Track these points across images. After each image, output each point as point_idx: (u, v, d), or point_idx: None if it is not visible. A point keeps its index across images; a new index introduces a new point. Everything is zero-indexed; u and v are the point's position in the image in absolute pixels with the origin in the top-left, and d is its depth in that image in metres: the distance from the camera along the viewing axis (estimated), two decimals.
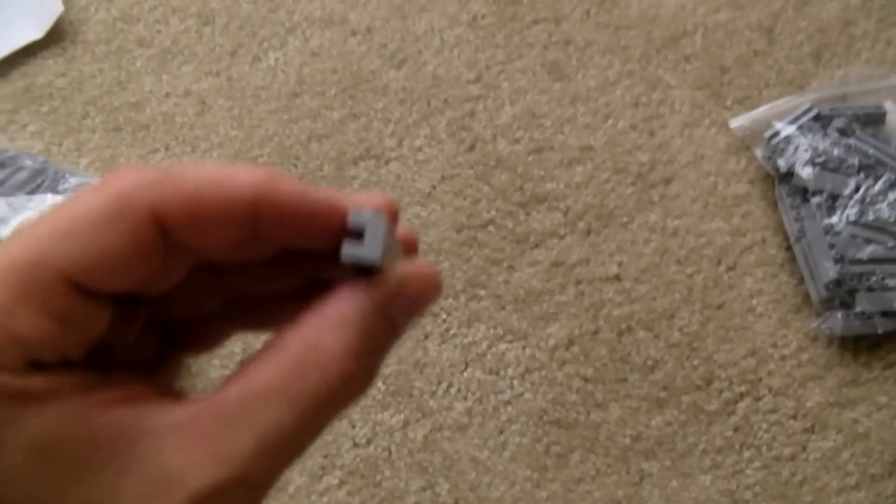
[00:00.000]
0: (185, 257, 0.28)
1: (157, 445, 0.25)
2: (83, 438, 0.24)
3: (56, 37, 0.99)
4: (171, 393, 0.27)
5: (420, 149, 0.93)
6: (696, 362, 0.84)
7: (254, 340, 0.84)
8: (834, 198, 0.86)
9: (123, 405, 0.25)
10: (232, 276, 0.31)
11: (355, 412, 0.82)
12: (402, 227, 0.32)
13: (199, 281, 0.30)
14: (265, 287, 0.32)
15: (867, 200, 0.85)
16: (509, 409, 0.83)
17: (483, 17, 0.99)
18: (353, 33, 0.99)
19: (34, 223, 0.25)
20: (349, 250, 0.27)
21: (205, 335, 0.33)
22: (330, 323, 0.27)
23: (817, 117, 0.89)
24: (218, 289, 0.32)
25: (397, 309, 0.28)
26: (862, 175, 0.86)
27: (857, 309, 0.82)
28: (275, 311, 0.32)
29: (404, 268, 0.29)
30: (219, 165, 0.26)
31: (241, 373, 0.27)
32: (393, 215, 0.30)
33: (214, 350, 0.34)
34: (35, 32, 0.98)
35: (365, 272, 0.28)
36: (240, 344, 0.84)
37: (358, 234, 0.27)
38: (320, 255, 0.29)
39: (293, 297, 0.31)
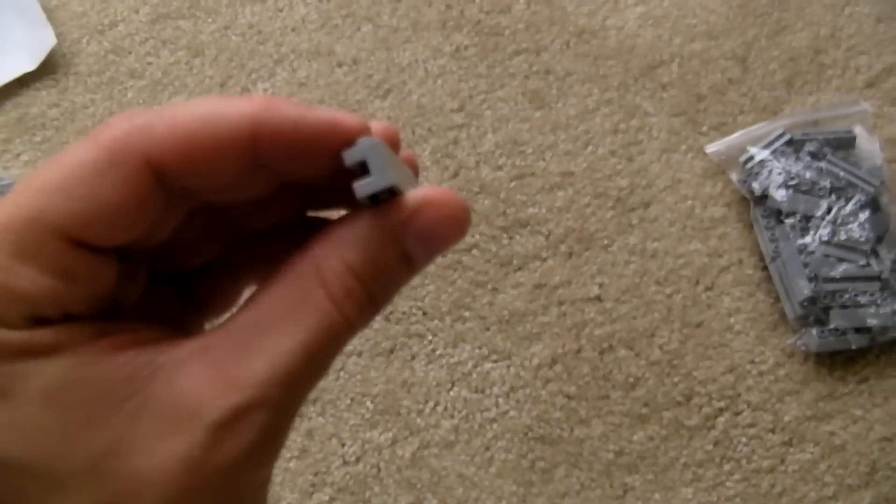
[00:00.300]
0: (182, 201, 0.27)
1: (169, 380, 0.24)
2: (95, 383, 0.24)
3: (49, 68, 1.01)
4: (182, 334, 0.26)
5: None
6: (676, 379, 0.86)
7: None
8: (807, 219, 0.88)
9: (134, 347, 0.25)
10: (231, 217, 0.31)
11: (344, 431, 0.84)
12: (403, 153, 0.31)
13: (198, 225, 0.30)
14: (266, 224, 0.32)
15: (839, 221, 0.87)
16: (495, 426, 0.84)
17: (466, 48, 1.02)
18: (340, 64, 1.02)
19: (27, 179, 0.24)
20: (360, 185, 0.26)
21: (220, 291, 0.33)
22: (332, 242, 0.27)
23: (790, 142, 0.92)
24: (218, 232, 0.31)
25: (410, 236, 0.27)
26: (833, 197, 0.89)
27: (832, 325, 0.85)
28: (282, 255, 0.29)
29: (419, 193, 0.27)
30: (211, 99, 0.25)
31: (251, 300, 0.26)
32: (393, 142, 0.29)
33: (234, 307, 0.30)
34: (28, 64, 1.00)
35: (385, 202, 0.27)
36: None
37: (362, 169, 0.26)
38: (322, 188, 0.29)
39: (299, 238, 0.29)
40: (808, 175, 0.89)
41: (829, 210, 0.88)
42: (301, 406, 0.27)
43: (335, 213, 0.29)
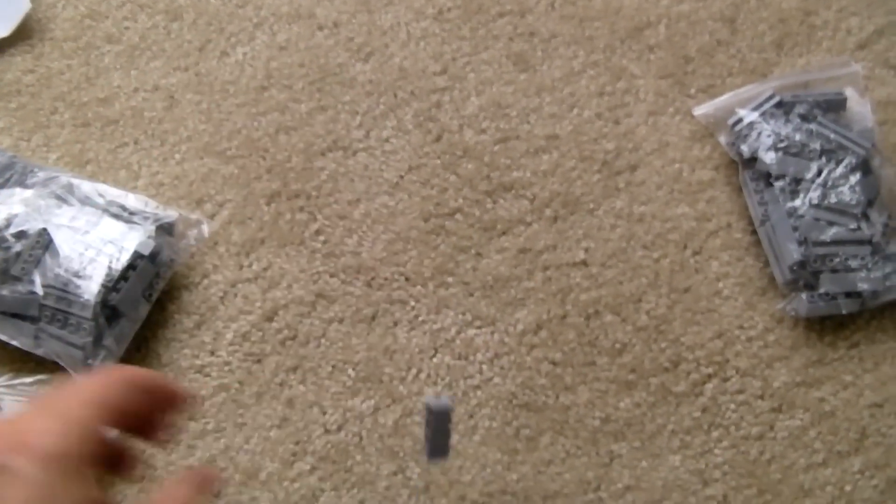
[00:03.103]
0: None
1: None
2: None
3: (24, 34, 0.99)
4: None
5: (387, 140, 0.94)
6: (663, 345, 0.85)
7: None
8: (797, 182, 0.86)
9: None
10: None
11: (326, 399, 0.82)
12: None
13: None
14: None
15: (829, 184, 0.86)
16: (479, 393, 0.83)
17: (448, 10, 1.00)
18: (320, 27, 1.00)
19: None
20: None
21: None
22: None
23: (780, 104, 0.90)
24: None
25: None
26: (823, 159, 0.87)
27: (821, 290, 0.83)
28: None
29: None
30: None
31: None
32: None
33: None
34: (2, 30, 0.98)
35: None
36: (210, 333, 0.85)
37: None
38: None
39: None
40: (797, 137, 0.87)
41: (819, 173, 0.86)
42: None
43: None
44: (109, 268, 0.80)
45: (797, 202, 0.86)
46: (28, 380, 0.81)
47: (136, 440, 0.49)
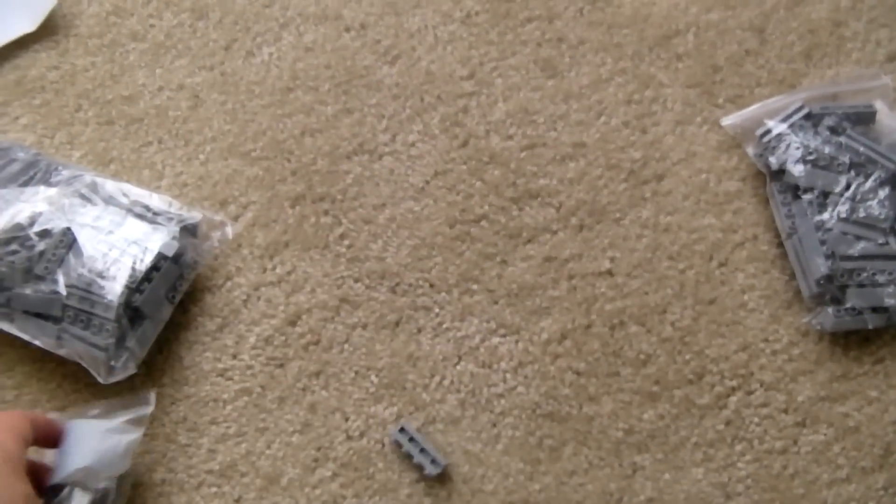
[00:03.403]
0: None
1: None
2: None
3: (49, 30, 0.99)
4: None
5: (413, 144, 0.93)
6: (688, 357, 0.84)
7: (244, 331, 0.84)
8: (825, 195, 0.86)
9: None
10: None
11: (348, 405, 0.82)
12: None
13: None
14: None
15: (858, 198, 0.85)
16: (502, 402, 0.83)
17: (477, 14, 1.00)
18: (347, 29, 1.00)
19: None
20: None
21: None
22: None
23: (808, 116, 0.90)
24: None
25: None
26: (852, 173, 0.87)
27: (848, 304, 0.83)
28: None
29: None
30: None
31: None
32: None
33: None
34: (28, 25, 0.98)
35: None
36: (232, 337, 0.84)
37: None
38: None
39: None
40: (826, 150, 0.87)
41: (847, 186, 0.86)
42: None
43: None
44: (133, 269, 0.79)
45: (825, 215, 0.85)
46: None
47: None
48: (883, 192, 0.85)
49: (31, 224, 0.80)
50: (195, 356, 0.84)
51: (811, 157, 0.86)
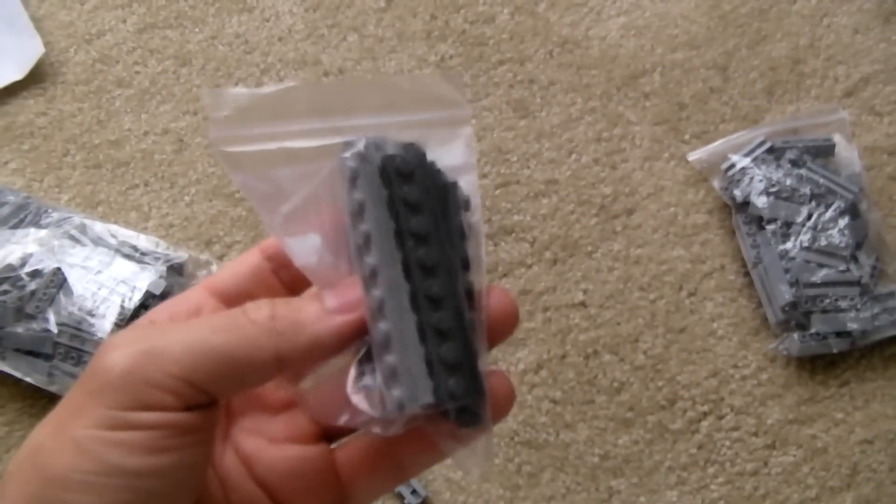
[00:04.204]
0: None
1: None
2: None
3: (37, 77, 1.01)
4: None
5: None
6: (660, 383, 0.87)
7: None
8: (788, 225, 0.89)
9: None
10: None
11: None
12: None
13: None
14: None
15: (819, 227, 0.89)
16: None
17: (451, 57, 1.03)
18: (326, 73, 1.03)
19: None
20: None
21: None
22: None
23: (771, 150, 0.93)
24: None
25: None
26: (813, 203, 0.90)
27: (813, 330, 0.86)
28: None
29: None
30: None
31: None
32: None
33: None
34: (16, 73, 1.00)
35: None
36: None
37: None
38: None
39: None
40: (788, 182, 0.90)
41: (809, 216, 0.89)
42: None
43: None
44: (122, 307, 0.82)
45: (788, 245, 0.88)
46: None
47: None
48: (843, 221, 0.89)
49: (23, 265, 0.83)
50: None
51: (774, 189, 0.90)
